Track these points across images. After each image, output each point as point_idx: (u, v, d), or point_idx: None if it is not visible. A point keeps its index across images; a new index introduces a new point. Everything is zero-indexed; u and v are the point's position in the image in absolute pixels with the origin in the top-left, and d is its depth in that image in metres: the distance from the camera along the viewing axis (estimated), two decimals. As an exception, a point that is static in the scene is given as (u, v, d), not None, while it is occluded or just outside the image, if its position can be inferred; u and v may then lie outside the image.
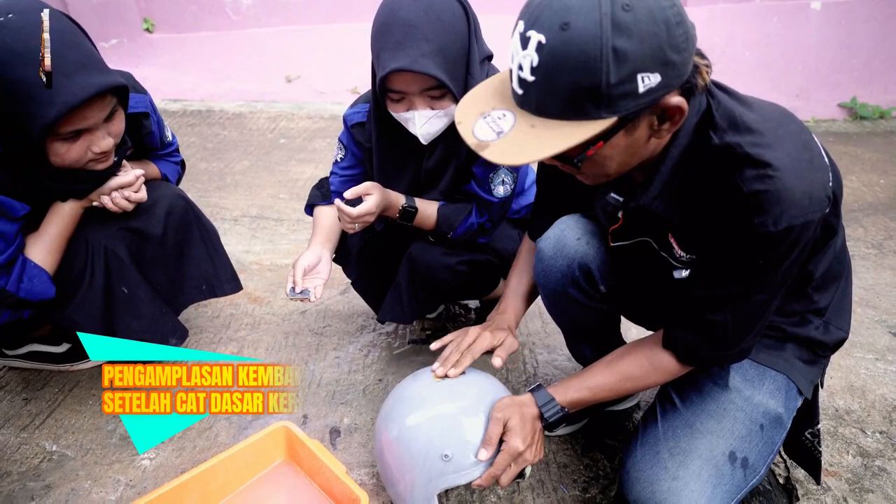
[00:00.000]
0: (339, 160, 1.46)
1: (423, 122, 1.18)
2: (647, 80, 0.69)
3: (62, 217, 1.22)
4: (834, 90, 4.17)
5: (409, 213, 1.30)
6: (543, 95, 0.71)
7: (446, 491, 1.20)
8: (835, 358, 1.63)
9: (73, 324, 1.27)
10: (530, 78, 0.71)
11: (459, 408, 1.07)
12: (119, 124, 1.14)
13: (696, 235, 0.88)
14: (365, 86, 4.36)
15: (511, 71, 0.75)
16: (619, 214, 0.98)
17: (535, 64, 0.69)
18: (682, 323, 0.94)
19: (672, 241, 0.93)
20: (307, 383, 1.52)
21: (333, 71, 4.17)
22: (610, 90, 0.68)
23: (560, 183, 1.14)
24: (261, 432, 1.18)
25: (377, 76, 1.14)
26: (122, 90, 1.11)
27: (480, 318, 1.74)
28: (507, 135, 0.74)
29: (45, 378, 1.50)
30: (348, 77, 4.17)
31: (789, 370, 1.02)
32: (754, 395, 0.99)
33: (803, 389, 1.02)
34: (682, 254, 0.92)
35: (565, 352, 1.65)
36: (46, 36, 0.96)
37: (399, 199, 1.29)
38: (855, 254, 2.23)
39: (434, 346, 1.16)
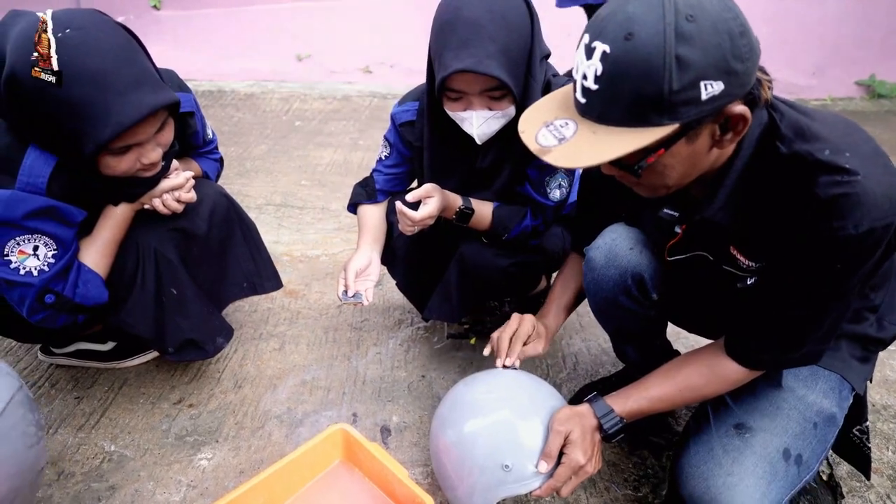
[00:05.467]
0: (383, 158, 1.45)
1: (480, 123, 1.17)
2: (710, 88, 0.70)
3: (115, 221, 1.21)
4: (851, 67, 4.11)
5: (466, 214, 1.30)
6: (606, 103, 0.73)
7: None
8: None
9: (126, 326, 1.28)
10: (594, 87, 0.73)
11: (517, 416, 1.09)
12: (168, 134, 1.13)
13: (763, 244, 0.89)
14: (377, 65, 4.29)
15: (574, 81, 0.77)
16: (677, 229, 0.99)
17: (598, 73, 0.72)
18: (749, 329, 0.95)
19: (735, 252, 0.93)
20: (352, 380, 1.54)
21: (345, 50, 4.09)
22: (672, 97, 0.70)
23: (603, 197, 1.15)
24: (319, 435, 1.20)
25: (438, 75, 1.13)
26: (175, 106, 1.10)
27: (514, 309, 1.74)
28: (569, 141, 0.76)
29: (93, 376, 1.51)
30: (360, 56, 4.10)
31: (844, 369, 1.03)
32: (808, 394, 1.01)
33: (857, 387, 1.04)
34: (749, 263, 0.93)
35: (602, 344, 1.67)
36: (50, 37, 0.94)
37: (456, 200, 1.29)
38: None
39: (486, 351, 1.21)
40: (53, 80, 0.96)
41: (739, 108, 0.74)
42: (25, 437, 0.95)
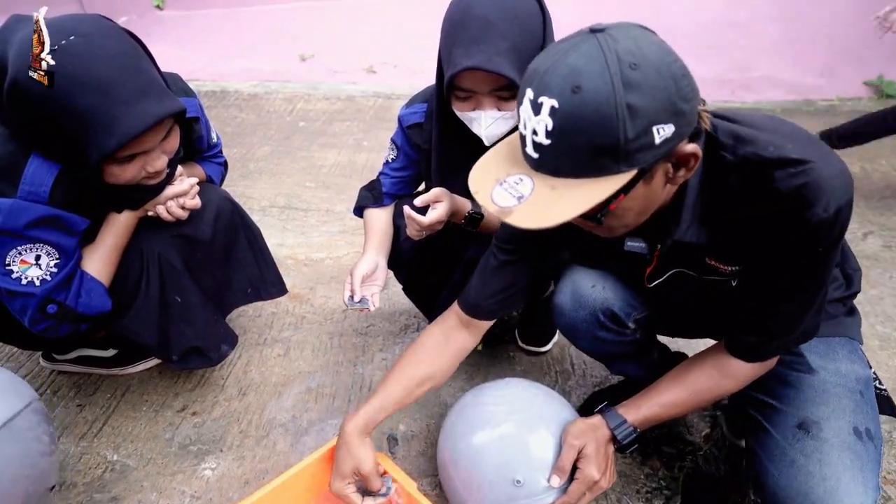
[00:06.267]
0: (390, 161, 1.43)
1: (488, 124, 1.15)
2: (662, 132, 0.70)
3: (118, 228, 1.19)
4: (860, 67, 4.07)
5: (476, 219, 1.27)
6: (560, 157, 0.72)
7: None
8: (883, 358, 1.63)
9: (130, 334, 1.26)
10: (546, 142, 0.72)
11: (527, 428, 1.07)
12: (174, 141, 1.11)
13: (738, 248, 0.89)
14: (381, 65, 4.27)
15: (523, 136, 0.75)
16: (649, 257, 0.98)
17: (549, 128, 0.71)
18: (745, 326, 0.95)
19: (712, 262, 0.94)
20: (358, 387, 1.52)
21: (348, 49, 4.08)
22: (628, 145, 0.69)
23: (540, 245, 1.09)
24: (326, 445, 1.17)
25: (447, 73, 1.10)
26: (181, 114, 1.08)
27: (522, 315, 1.72)
28: (529, 199, 0.74)
29: (95, 382, 1.50)
30: (363, 56, 4.08)
31: (844, 330, 1.05)
32: (839, 366, 1.02)
33: (858, 337, 1.07)
34: (730, 268, 0.94)
35: (611, 352, 1.65)
36: (45, 38, 0.91)
37: (465, 205, 1.27)
38: (893, 245, 2.21)
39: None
40: (45, 83, 0.92)
41: (690, 147, 0.75)
42: (39, 443, 0.96)
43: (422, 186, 1.49)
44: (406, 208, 1.19)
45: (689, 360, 1.05)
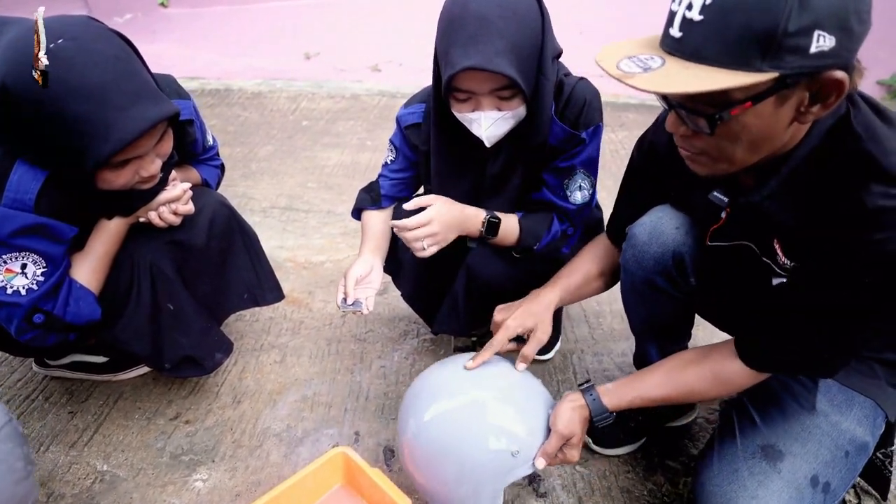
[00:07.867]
0: (388, 162, 1.40)
1: (489, 125, 1.12)
2: (822, 41, 0.66)
3: (108, 235, 1.17)
4: (873, 66, 3.93)
5: (494, 224, 1.24)
6: (708, 37, 0.69)
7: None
8: None
9: (121, 343, 1.23)
10: (697, 17, 0.69)
11: (506, 397, 1.09)
12: (167, 144, 1.08)
13: (803, 243, 0.85)
14: (386, 64, 4.24)
15: (672, 13, 0.72)
16: (722, 214, 0.95)
17: (708, 1, 0.67)
18: (764, 329, 0.91)
19: (776, 247, 0.89)
20: (355, 396, 1.48)
21: (353, 47, 4.04)
22: (784, 39, 0.65)
23: (649, 180, 1.12)
24: (319, 459, 1.15)
25: (445, 74, 1.06)
26: (174, 117, 1.05)
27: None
28: (657, 70, 0.71)
29: (88, 389, 1.47)
30: (368, 54, 4.05)
31: (879, 395, 0.99)
32: (842, 421, 0.97)
33: (890, 414, 1.00)
34: (786, 261, 0.89)
35: (615, 359, 1.61)
36: (42, 37, 0.88)
37: (478, 213, 1.23)
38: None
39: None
40: (39, 82, 0.89)
41: (839, 73, 0.68)
42: (12, 472, 0.92)
43: (421, 189, 1.46)
44: (392, 221, 1.17)
45: (687, 357, 1.02)
